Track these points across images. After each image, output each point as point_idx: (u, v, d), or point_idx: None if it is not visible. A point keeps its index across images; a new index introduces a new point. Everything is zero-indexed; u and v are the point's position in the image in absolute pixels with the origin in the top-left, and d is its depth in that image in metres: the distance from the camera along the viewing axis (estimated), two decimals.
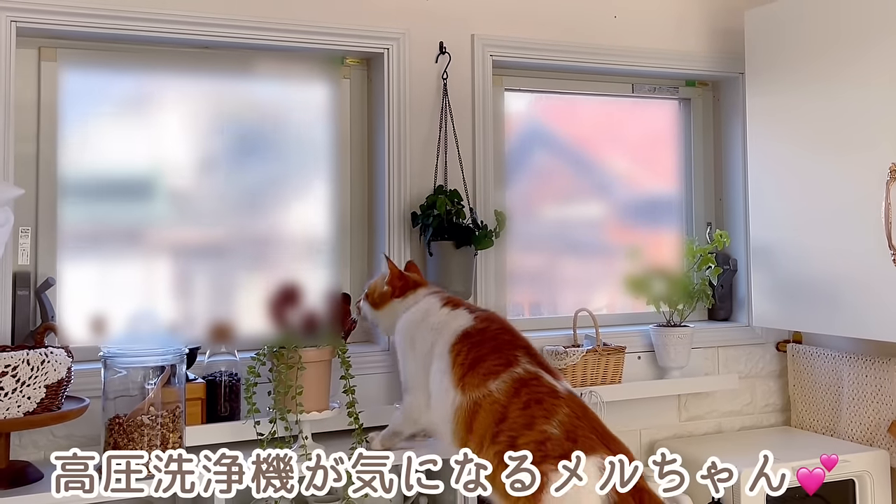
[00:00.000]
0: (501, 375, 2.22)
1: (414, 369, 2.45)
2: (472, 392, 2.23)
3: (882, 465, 2.99)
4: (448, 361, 2.32)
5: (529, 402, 2.17)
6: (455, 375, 2.28)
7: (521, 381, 2.21)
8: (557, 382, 2.24)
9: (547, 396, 2.18)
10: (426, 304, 2.51)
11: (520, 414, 2.15)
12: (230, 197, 2.90)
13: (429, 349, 2.40)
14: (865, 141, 2.86)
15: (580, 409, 2.19)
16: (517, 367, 2.24)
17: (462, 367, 2.28)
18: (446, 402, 2.28)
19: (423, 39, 2.99)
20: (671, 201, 3.59)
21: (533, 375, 2.23)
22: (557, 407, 2.16)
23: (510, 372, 2.23)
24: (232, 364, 2.64)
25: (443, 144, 2.98)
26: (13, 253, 2.56)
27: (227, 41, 2.77)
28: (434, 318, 2.45)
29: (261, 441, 2.44)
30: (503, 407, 2.18)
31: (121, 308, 2.68)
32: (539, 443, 2.10)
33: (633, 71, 3.38)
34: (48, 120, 2.66)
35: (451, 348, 2.33)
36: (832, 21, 2.98)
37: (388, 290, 2.58)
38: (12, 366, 2.16)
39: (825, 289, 2.99)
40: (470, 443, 2.19)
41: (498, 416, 2.17)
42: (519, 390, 2.19)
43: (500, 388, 2.20)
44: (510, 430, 2.14)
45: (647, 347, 3.28)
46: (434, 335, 2.41)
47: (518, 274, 3.27)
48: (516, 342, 2.35)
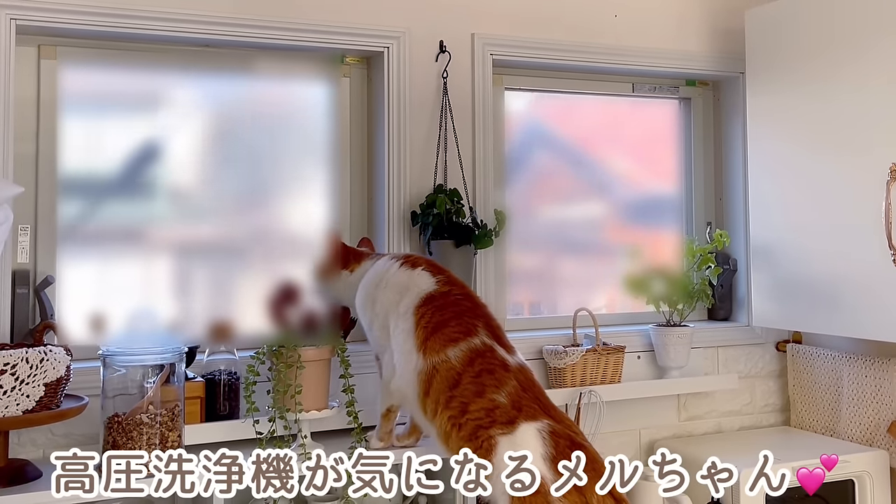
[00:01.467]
0: (460, 343, 2.33)
1: (380, 330, 2.49)
2: (431, 357, 2.33)
3: (882, 465, 2.99)
4: (412, 323, 2.39)
5: (481, 372, 2.30)
6: (418, 339, 2.36)
7: (477, 352, 2.33)
8: (510, 356, 2.37)
9: (498, 368, 2.32)
10: (382, 265, 2.56)
11: (472, 381, 2.29)
12: (230, 195, 2.89)
13: (391, 307, 2.45)
14: (866, 141, 2.86)
15: (527, 382, 2.33)
16: (475, 337, 2.36)
17: (425, 331, 2.36)
18: (409, 364, 2.37)
19: (423, 38, 2.99)
20: (671, 201, 3.59)
21: (488, 348, 2.35)
22: (507, 378, 2.30)
23: (468, 341, 2.34)
24: (231, 363, 2.64)
25: (443, 143, 2.98)
26: (12, 251, 2.56)
27: (227, 39, 2.77)
28: (394, 278, 2.49)
29: (260, 440, 2.44)
30: (458, 374, 2.30)
31: (120, 306, 2.68)
32: (488, 410, 2.25)
33: (633, 70, 3.38)
34: (48, 118, 2.66)
35: (415, 310, 2.40)
36: (833, 21, 2.98)
37: (328, 261, 2.63)
38: (11, 364, 2.16)
39: (825, 289, 2.99)
40: (427, 406, 2.32)
41: (452, 381, 2.30)
42: (474, 360, 2.32)
43: (458, 356, 2.32)
44: (462, 396, 2.28)
45: (647, 347, 3.28)
46: (396, 294, 2.46)
47: (518, 273, 3.27)
48: (476, 311, 2.44)
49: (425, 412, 2.34)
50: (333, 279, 2.62)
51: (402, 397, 2.44)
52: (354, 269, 2.62)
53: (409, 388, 2.37)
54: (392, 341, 2.44)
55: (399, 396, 2.45)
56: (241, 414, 2.60)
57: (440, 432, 2.29)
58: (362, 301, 2.55)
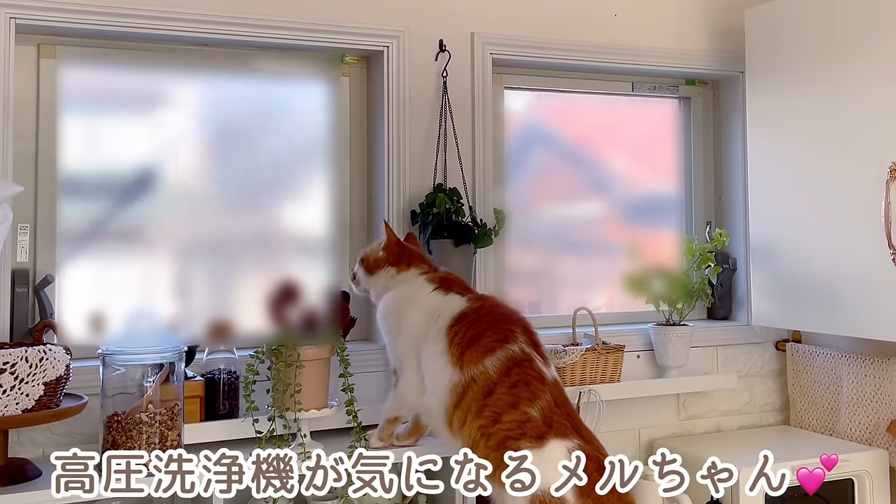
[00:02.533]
0: (497, 352, 2.31)
1: (404, 348, 2.47)
2: (469, 369, 2.30)
3: (881, 464, 2.99)
4: (444, 343, 2.36)
5: (517, 383, 2.28)
6: (453, 355, 2.33)
7: (515, 361, 2.31)
8: (546, 368, 2.34)
9: (535, 380, 2.29)
10: (415, 285, 2.53)
11: (507, 392, 2.26)
12: (229, 194, 2.89)
13: (421, 332, 2.43)
14: (866, 140, 2.86)
15: (560, 398, 2.32)
16: (513, 343, 2.33)
17: (459, 346, 2.33)
18: (443, 381, 2.33)
19: (422, 37, 2.99)
20: (671, 200, 3.59)
21: (526, 357, 2.33)
22: (542, 392, 2.28)
23: (506, 349, 2.31)
24: (231, 362, 2.64)
25: (442, 142, 2.98)
26: (12, 250, 2.55)
27: (226, 38, 2.77)
28: (424, 301, 2.47)
29: (259, 439, 2.44)
30: (493, 383, 2.27)
31: (120, 305, 2.68)
32: (520, 422, 2.23)
33: (633, 69, 3.38)
34: (47, 117, 2.65)
35: (447, 330, 2.37)
36: (833, 20, 2.98)
37: (383, 256, 2.57)
38: (11, 363, 2.15)
39: (825, 288, 2.99)
40: (455, 418, 2.30)
41: (486, 390, 2.27)
42: (511, 370, 2.29)
43: (495, 365, 2.29)
44: (495, 406, 2.25)
45: (647, 346, 3.28)
46: (426, 318, 2.44)
47: (517, 272, 3.27)
48: (513, 316, 2.43)
49: (451, 425, 2.31)
50: (377, 272, 2.58)
51: (427, 413, 2.42)
52: (402, 271, 2.56)
53: (439, 404, 2.34)
54: (423, 364, 2.41)
55: (424, 412, 2.44)
56: (240, 413, 2.60)
57: (467, 441, 2.26)
58: (388, 315, 2.52)
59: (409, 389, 2.46)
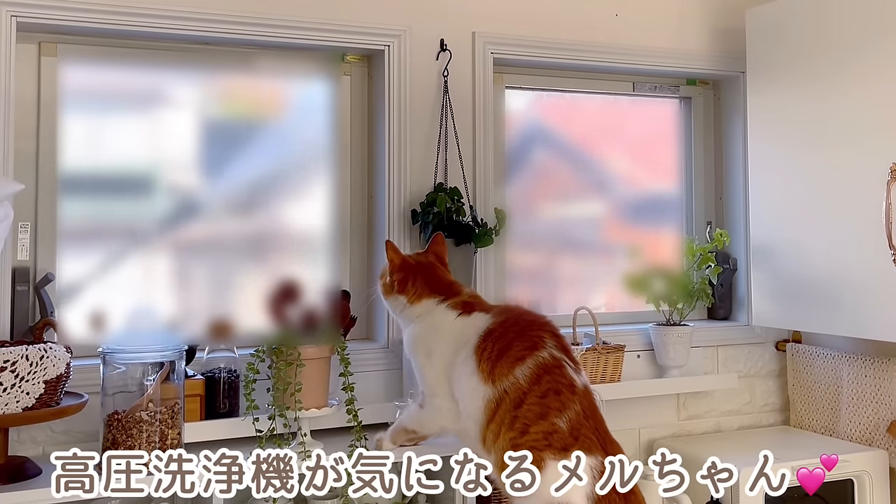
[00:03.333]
0: (527, 360, 2.24)
1: (434, 376, 2.40)
2: (501, 382, 2.23)
3: (881, 464, 3.00)
4: (474, 362, 2.29)
5: (548, 392, 2.21)
6: (483, 371, 2.26)
7: (545, 368, 2.24)
8: (577, 375, 2.27)
9: (565, 389, 2.22)
10: (438, 315, 2.44)
11: (536, 402, 2.19)
12: (230, 193, 2.89)
13: (449, 358, 2.36)
14: (866, 140, 2.86)
15: (590, 409, 2.25)
16: (543, 350, 2.26)
17: (489, 362, 2.26)
18: (476, 400, 2.27)
19: (423, 37, 2.99)
20: (671, 200, 3.59)
21: (557, 363, 2.25)
22: (571, 402, 2.21)
23: (535, 356, 2.24)
24: (231, 361, 2.64)
25: (443, 142, 2.98)
26: (12, 248, 2.56)
27: (227, 37, 2.77)
28: (450, 329, 2.40)
29: (259, 438, 2.44)
30: (523, 393, 2.21)
31: (120, 304, 2.68)
32: (547, 433, 2.16)
33: (633, 69, 3.38)
34: (48, 115, 2.65)
35: (475, 350, 2.31)
36: (833, 20, 2.98)
37: (388, 282, 2.51)
38: (11, 361, 2.15)
39: (825, 288, 2.99)
40: (488, 434, 2.23)
41: (517, 401, 2.21)
42: (541, 377, 2.22)
43: (525, 374, 2.22)
44: (525, 417, 2.18)
45: (647, 346, 3.28)
46: (454, 345, 2.37)
47: (518, 272, 3.26)
48: (539, 321, 2.36)
49: (485, 441, 2.24)
50: (389, 297, 2.52)
51: (465, 434, 2.35)
52: (415, 302, 2.47)
53: (475, 425, 2.27)
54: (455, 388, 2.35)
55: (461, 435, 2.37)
56: (240, 412, 2.60)
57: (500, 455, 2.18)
58: (416, 347, 2.45)
59: (440, 415, 2.39)
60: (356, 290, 2.95)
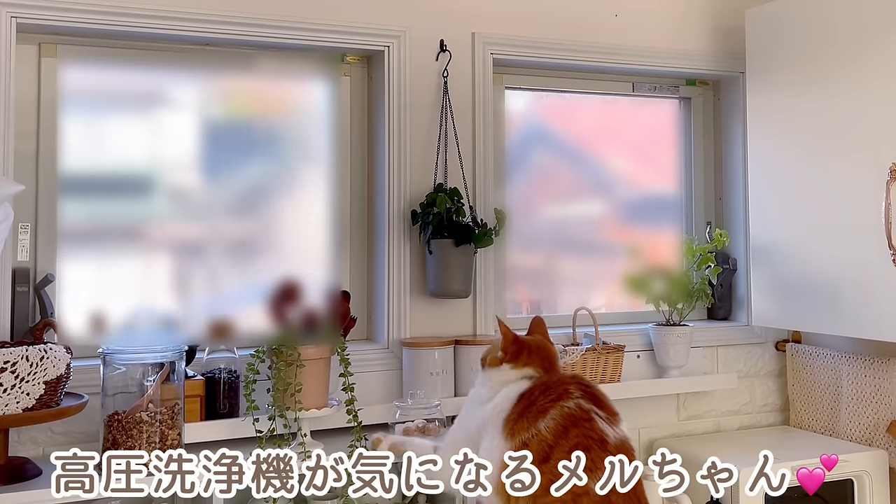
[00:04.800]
0: (550, 412, 2.07)
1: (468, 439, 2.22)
2: (521, 435, 2.07)
3: (881, 464, 2.99)
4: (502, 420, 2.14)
5: (577, 447, 2.02)
6: (506, 428, 2.11)
7: (572, 420, 2.06)
8: (611, 428, 2.09)
9: (596, 446, 2.03)
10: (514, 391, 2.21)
11: (565, 457, 2.01)
12: (230, 194, 2.89)
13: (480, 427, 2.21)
14: (866, 140, 2.86)
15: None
16: (568, 400, 2.09)
17: (510, 419, 2.12)
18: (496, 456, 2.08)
19: (423, 37, 2.99)
20: (671, 200, 3.59)
21: (586, 415, 2.08)
22: (601, 461, 2.02)
23: (560, 407, 2.08)
24: (231, 361, 2.64)
25: (443, 142, 2.98)
26: (13, 249, 2.56)
27: (227, 38, 2.77)
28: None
29: (259, 438, 2.44)
30: (549, 447, 2.03)
31: (120, 305, 2.67)
32: (576, 495, 1.99)
33: (633, 70, 3.38)
34: (48, 116, 2.65)
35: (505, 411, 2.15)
36: (833, 20, 2.98)
37: (500, 356, 2.29)
38: (11, 362, 2.16)
39: (825, 288, 2.99)
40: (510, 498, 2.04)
41: (542, 455, 2.03)
42: (568, 430, 2.05)
43: (549, 426, 2.05)
44: (552, 473, 2.00)
45: (647, 346, 3.28)
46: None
47: (517, 272, 3.27)
48: (567, 377, 2.22)
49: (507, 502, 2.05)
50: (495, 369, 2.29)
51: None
52: (519, 368, 2.26)
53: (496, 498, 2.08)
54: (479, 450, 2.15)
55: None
56: (240, 412, 2.60)
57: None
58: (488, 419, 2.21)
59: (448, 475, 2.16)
60: (356, 290, 2.96)
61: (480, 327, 3.01)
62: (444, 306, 2.97)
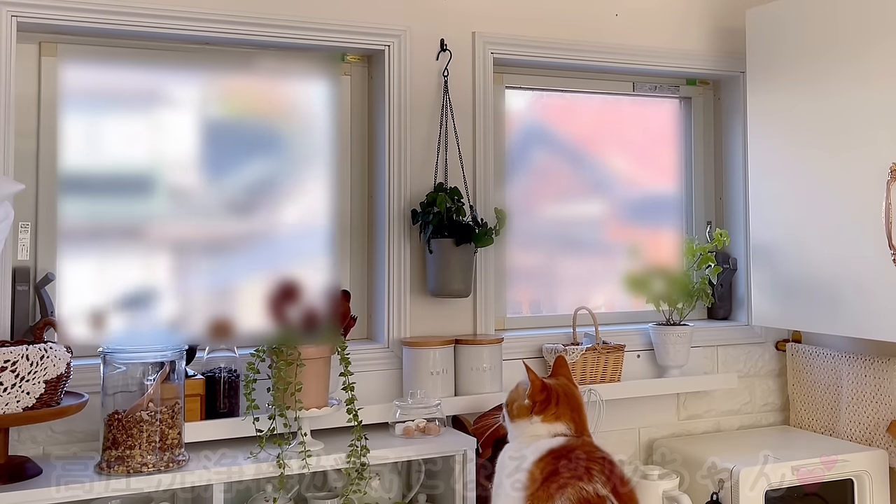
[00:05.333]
0: (567, 490, 2.10)
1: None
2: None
3: (881, 464, 2.99)
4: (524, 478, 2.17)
5: None
6: (526, 489, 2.14)
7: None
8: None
9: None
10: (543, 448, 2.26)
11: None
12: (230, 193, 2.89)
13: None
14: (866, 140, 2.86)
15: None
16: (588, 483, 2.12)
17: (533, 482, 2.15)
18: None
19: (424, 37, 2.99)
20: (671, 200, 3.59)
21: (601, 502, 2.11)
22: None
23: (578, 488, 2.11)
24: (231, 360, 2.64)
25: (443, 142, 2.98)
26: (13, 248, 2.56)
27: (227, 37, 2.77)
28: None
29: (260, 438, 2.44)
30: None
31: (120, 304, 2.67)
32: None
33: (634, 69, 3.38)
34: (48, 115, 2.65)
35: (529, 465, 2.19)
36: (834, 20, 2.98)
37: (527, 405, 2.33)
38: (11, 361, 2.16)
39: (825, 288, 2.99)
40: None
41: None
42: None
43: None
44: None
45: (647, 346, 3.28)
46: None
47: (518, 272, 3.27)
48: (595, 454, 2.22)
49: None
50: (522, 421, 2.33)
51: None
52: (550, 422, 2.30)
53: None
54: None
55: None
56: (241, 411, 2.60)
57: None
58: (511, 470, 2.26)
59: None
60: (356, 290, 2.96)
61: (480, 327, 3.01)
62: (444, 306, 2.97)
